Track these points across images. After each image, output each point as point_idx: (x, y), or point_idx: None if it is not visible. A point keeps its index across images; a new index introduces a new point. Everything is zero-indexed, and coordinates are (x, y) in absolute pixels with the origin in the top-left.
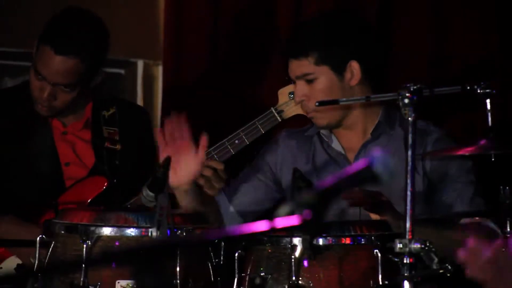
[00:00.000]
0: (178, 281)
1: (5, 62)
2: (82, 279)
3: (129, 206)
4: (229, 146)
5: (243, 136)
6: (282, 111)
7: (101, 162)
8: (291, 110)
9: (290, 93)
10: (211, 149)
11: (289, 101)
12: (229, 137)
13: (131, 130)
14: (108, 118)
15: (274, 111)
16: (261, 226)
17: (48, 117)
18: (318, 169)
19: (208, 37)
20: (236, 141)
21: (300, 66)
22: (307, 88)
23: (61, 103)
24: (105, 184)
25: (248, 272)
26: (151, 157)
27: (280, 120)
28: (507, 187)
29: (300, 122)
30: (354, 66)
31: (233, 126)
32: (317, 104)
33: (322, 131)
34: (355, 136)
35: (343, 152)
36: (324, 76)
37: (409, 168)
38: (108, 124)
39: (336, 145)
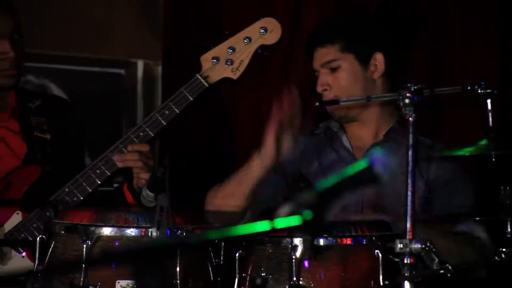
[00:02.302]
0: (178, 281)
1: None
2: (82, 279)
3: (67, 189)
4: (159, 118)
5: (172, 106)
6: (207, 76)
7: (33, 151)
8: (217, 74)
9: (213, 58)
10: (142, 122)
11: (213, 66)
12: (158, 108)
13: (58, 121)
14: (35, 109)
15: (199, 77)
16: (262, 226)
17: (14, 86)
18: (323, 166)
19: (208, 37)
20: (166, 112)
21: (325, 53)
22: (330, 77)
23: (20, 57)
24: (39, 172)
25: (249, 272)
26: (80, 148)
27: (207, 85)
28: (508, 188)
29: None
30: (379, 58)
31: (232, 124)
32: (317, 103)
33: (333, 125)
34: (365, 135)
35: (350, 150)
36: (348, 64)
37: (409, 168)
38: (35, 115)
39: (345, 141)
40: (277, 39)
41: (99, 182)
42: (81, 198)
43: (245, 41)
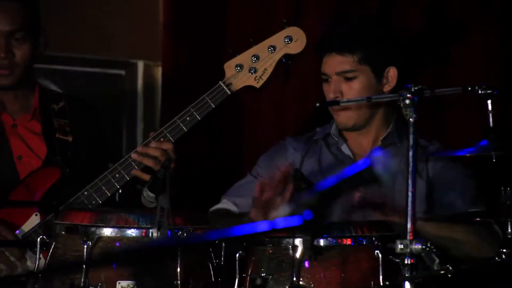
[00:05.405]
0: (179, 281)
1: None
2: (82, 279)
3: (86, 192)
4: (181, 124)
5: (194, 113)
6: (230, 83)
7: (53, 153)
8: (239, 82)
9: (236, 66)
10: (163, 128)
11: (236, 74)
12: (180, 114)
13: (81, 123)
14: (58, 111)
15: (222, 85)
16: (262, 226)
17: (12, 86)
18: (324, 172)
19: (208, 37)
20: (188, 118)
21: (343, 62)
22: (344, 85)
23: (20, 58)
24: (58, 174)
25: (249, 273)
26: (101, 151)
27: (229, 93)
28: (508, 188)
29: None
30: (392, 72)
31: (233, 126)
32: (317, 104)
33: (333, 133)
34: (365, 142)
35: (351, 156)
36: (364, 76)
37: (410, 169)
38: (58, 116)
39: (345, 148)
40: (302, 49)
41: (118, 187)
42: (100, 201)
43: (270, 49)
